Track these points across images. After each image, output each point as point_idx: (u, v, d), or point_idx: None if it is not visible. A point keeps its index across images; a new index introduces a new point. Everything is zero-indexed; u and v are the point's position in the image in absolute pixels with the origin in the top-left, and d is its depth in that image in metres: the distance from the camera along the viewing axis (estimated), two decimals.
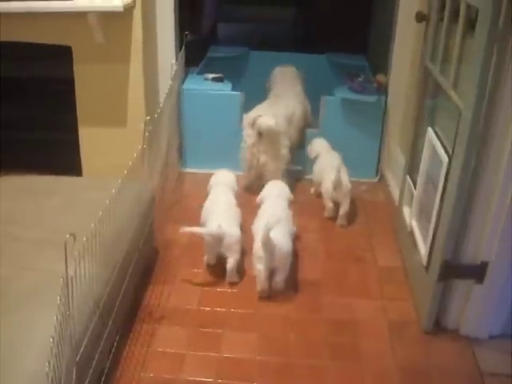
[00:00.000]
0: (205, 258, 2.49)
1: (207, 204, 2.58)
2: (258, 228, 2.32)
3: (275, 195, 2.60)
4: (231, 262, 2.39)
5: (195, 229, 2.43)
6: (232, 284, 2.43)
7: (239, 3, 6.47)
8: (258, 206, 2.59)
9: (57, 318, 1.25)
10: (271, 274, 2.34)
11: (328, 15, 4.85)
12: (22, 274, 1.77)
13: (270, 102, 3.27)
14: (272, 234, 2.24)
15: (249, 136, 3.02)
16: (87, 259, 1.51)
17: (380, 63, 3.57)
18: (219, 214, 2.44)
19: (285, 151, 3.09)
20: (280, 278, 2.35)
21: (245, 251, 2.50)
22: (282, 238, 2.30)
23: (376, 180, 3.37)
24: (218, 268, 2.51)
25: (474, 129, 1.86)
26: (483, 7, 1.77)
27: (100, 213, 1.57)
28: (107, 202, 1.63)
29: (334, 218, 2.93)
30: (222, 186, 2.66)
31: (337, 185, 2.81)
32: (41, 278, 1.75)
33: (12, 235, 1.98)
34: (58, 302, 1.26)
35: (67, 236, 1.31)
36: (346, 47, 4.05)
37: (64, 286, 1.30)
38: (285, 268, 2.33)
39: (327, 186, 2.86)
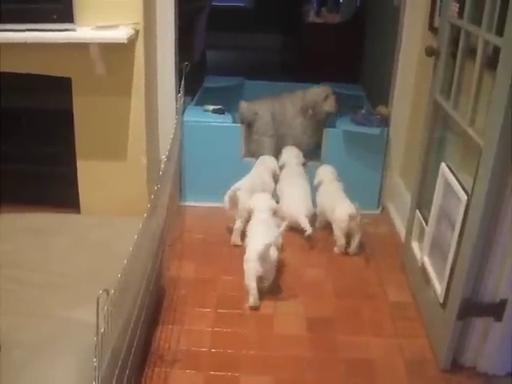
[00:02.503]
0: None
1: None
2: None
3: (294, 164, 3.25)
4: (237, 224, 2.91)
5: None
6: None
7: (227, 30, 6.49)
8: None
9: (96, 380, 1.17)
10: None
11: (319, 43, 4.87)
12: (35, 322, 1.68)
13: None
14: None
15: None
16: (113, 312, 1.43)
17: (378, 94, 3.57)
18: (244, 183, 2.99)
19: None
20: None
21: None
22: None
23: (378, 212, 3.34)
24: (225, 307, 2.46)
25: (496, 168, 1.85)
26: (507, 47, 1.76)
27: (125, 261, 1.49)
28: (130, 248, 1.55)
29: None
30: (264, 166, 3.20)
31: (352, 216, 2.78)
32: (55, 325, 1.67)
33: (19, 280, 1.88)
34: (95, 364, 1.17)
35: (100, 292, 1.24)
36: (339, 76, 4.04)
37: (98, 345, 1.22)
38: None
39: (341, 217, 2.81)
